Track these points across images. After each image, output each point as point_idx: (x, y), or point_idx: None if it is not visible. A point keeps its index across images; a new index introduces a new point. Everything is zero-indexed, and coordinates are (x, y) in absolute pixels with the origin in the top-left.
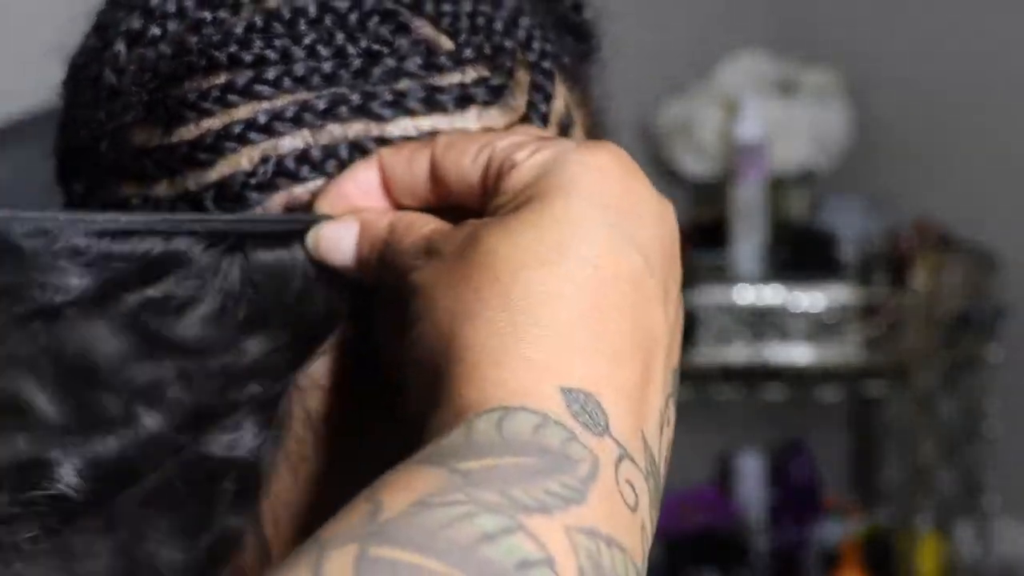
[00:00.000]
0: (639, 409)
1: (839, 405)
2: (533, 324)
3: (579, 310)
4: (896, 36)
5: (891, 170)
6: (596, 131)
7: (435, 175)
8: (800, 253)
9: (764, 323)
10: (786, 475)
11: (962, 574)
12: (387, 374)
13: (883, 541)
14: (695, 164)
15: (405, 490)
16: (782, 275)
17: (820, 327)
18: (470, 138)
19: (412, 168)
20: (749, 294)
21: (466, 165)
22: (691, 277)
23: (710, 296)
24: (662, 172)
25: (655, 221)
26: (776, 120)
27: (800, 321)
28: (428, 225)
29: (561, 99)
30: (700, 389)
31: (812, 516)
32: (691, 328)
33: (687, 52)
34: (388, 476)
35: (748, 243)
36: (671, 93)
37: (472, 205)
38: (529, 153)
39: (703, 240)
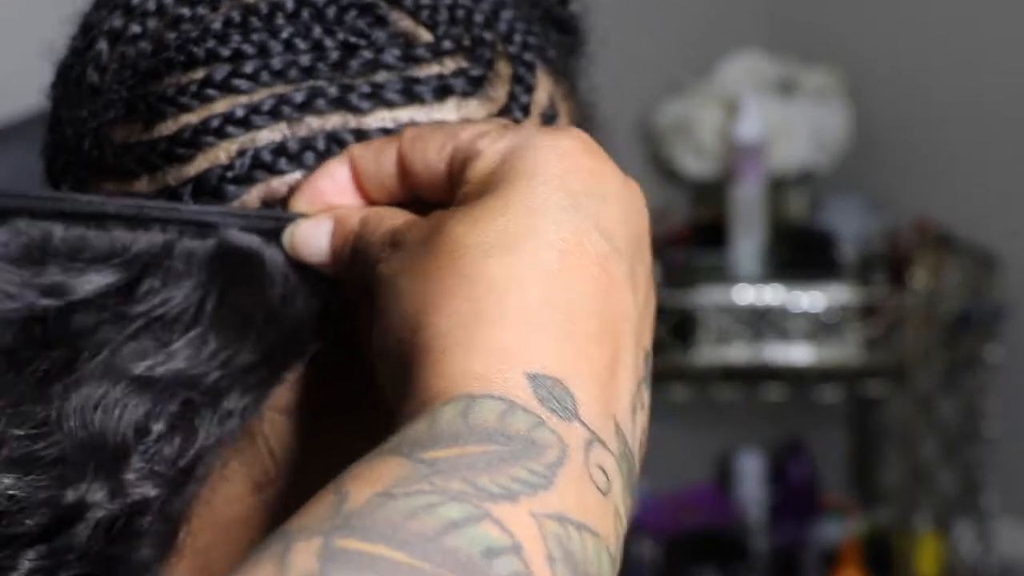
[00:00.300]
0: (609, 393)
1: (839, 405)
2: (498, 311)
3: (544, 295)
4: (896, 36)
5: (891, 170)
6: (585, 124)
7: (402, 168)
8: (800, 253)
9: (764, 323)
10: (786, 475)
11: (961, 574)
12: (369, 367)
13: (882, 541)
14: (695, 164)
15: (370, 481)
16: (782, 275)
17: (820, 327)
18: (435, 129)
19: (380, 162)
20: (749, 294)
21: (432, 156)
22: (691, 277)
23: (710, 296)
24: (662, 172)
25: (621, 203)
26: (776, 120)
27: (800, 321)
28: (397, 218)
29: (544, 91)
30: (700, 389)
31: (812, 516)
32: (691, 328)
33: (687, 52)
34: (354, 467)
35: (748, 243)
36: (671, 93)
37: (440, 197)
38: (491, 141)
39: (703, 240)
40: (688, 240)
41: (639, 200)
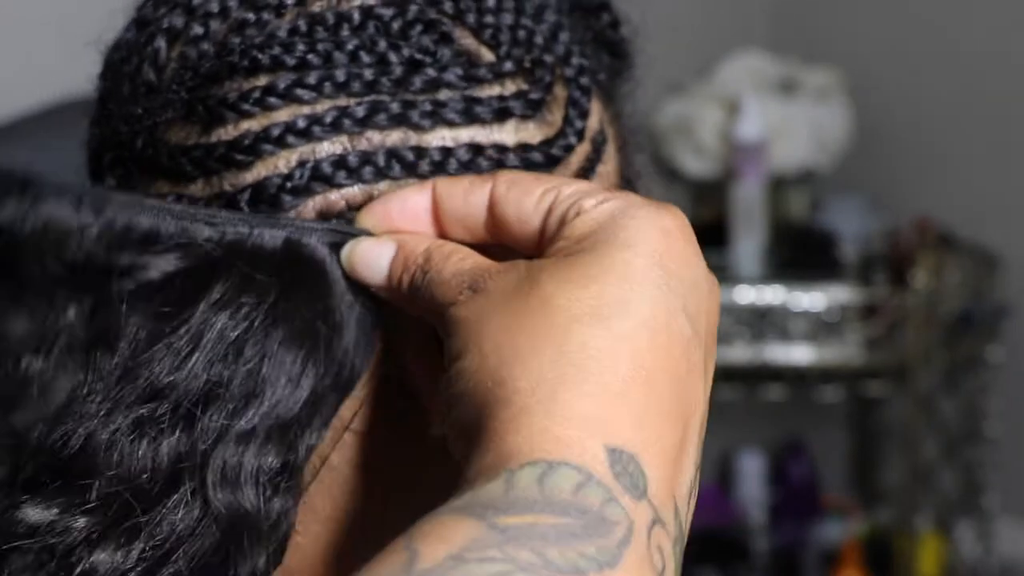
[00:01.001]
0: (675, 475)
1: (839, 405)
2: (584, 379)
3: (630, 370)
4: (896, 36)
5: (891, 170)
6: (627, 150)
7: (494, 211)
8: (800, 253)
9: (764, 323)
10: (786, 475)
11: (962, 574)
12: (415, 404)
13: (883, 541)
14: (695, 164)
15: (442, 541)
16: (782, 275)
17: (820, 327)
18: (535, 179)
19: (469, 200)
20: (749, 294)
21: (528, 205)
22: None
23: None
24: (662, 172)
25: (706, 294)
26: (776, 120)
27: (800, 321)
28: (469, 258)
29: (596, 115)
30: None
31: (812, 516)
32: None
33: (687, 52)
34: (425, 524)
35: (748, 243)
36: (671, 93)
37: (526, 247)
38: (597, 202)
39: (703, 240)
40: None
41: (717, 293)
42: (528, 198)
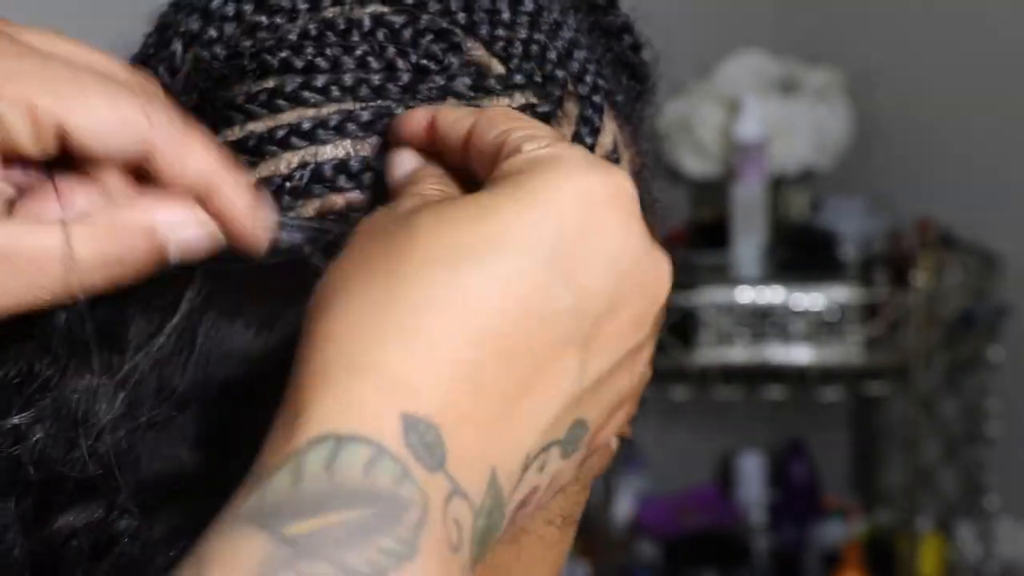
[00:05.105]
0: (493, 445)
1: (840, 405)
2: (411, 331)
3: (465, 331)
4: (897, 36)
5: (892, 170)
6: (642, 173)
7: (468, 141)
8: (800, 253)
9: (764, 323)
10: (786, 475)
11: (963, 575)
12: None
13: (884, 541)
14: (695, 163)
15: (231, 567)
16: (782, 275)
17: (821, 327)
18: (505, 114)
19: (455, 126)
20: (749, 294)
21: (489, 137)
22: (691, 277)
23: (710, 296)
24: (662, 171)
25: (612, 270)
26: (776, 119)
27: (801, 321)
28: (429, 177)
29: (609, 135)
30: (701, 389)
31: (813, 516)
32: (692, 328)
33: (687, 52)
34: (215, 541)
35: (748, 243)
36: (671, 93)
37: (483, 178)
38: (536, 147)
39: (703, 240)
40: (688, 240)
41: (653, 278)
42: (491, 131)
